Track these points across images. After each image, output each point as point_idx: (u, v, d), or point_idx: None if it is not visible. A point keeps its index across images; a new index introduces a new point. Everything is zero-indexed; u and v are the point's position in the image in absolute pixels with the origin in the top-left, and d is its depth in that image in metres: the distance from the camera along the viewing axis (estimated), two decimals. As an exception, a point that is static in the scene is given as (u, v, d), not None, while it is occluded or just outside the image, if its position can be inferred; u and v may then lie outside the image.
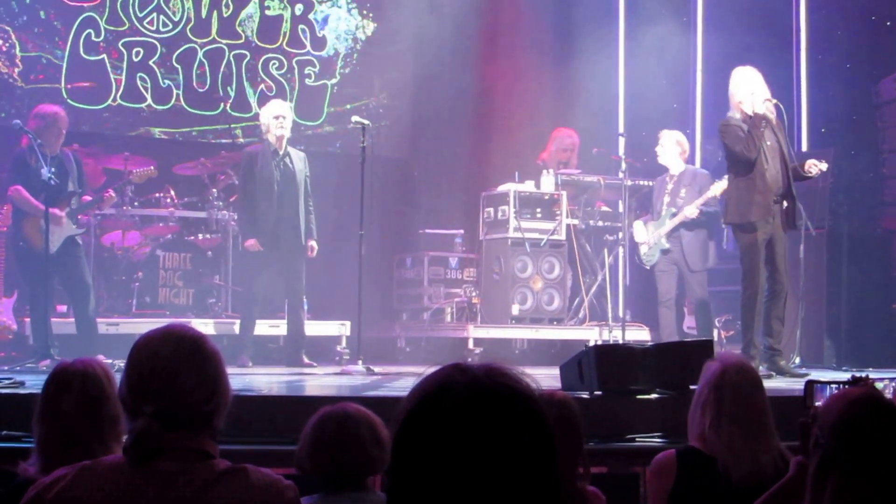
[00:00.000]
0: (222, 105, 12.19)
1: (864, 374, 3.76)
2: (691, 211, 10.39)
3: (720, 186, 10.17)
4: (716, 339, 10.56)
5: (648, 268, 10.79)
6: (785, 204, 8.81)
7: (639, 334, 11.00)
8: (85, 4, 11.61)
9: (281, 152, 9.80)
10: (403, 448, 1.68)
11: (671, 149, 10.65)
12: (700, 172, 10.79)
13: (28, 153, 9.01)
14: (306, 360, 9.75)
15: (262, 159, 9.78)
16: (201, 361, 2.76)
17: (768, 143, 8.79)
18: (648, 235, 10.69)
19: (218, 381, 2.78)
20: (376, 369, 8.97)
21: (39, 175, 8.81)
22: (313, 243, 9.92)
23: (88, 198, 9.45)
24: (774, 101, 8.93)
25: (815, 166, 8.88)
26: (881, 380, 4.72)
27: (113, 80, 11.70)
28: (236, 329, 10.08)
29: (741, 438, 3.95)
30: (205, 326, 10.06)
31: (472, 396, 1.66)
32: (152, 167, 10.32)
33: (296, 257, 9.85)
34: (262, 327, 10.24)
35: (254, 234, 9.76)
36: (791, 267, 9.20)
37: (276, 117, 9.78)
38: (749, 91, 8.81)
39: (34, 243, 9.03)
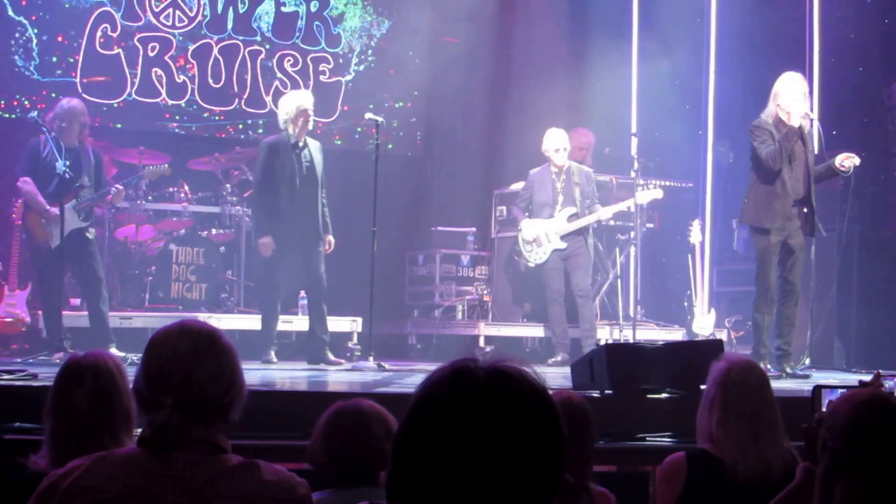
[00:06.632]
0: (237, 101, 12.22)
1: (874, 372, 3.77)
2: (606, 214, 10.26)
3: (647, 196, 10.12)
4: (726, 339, 10.58)
5: (533, 266, 10.51)
6: (805, 210, 8.80)
7: (650, 333, 11.00)
8: (102, -1, 11.65)
9: (301, 143, 9.38)
10: (399, 438, 1.73)
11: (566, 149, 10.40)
12: (585, 171, 10.44)
13: (42, 144, 8.98)
14: (332, 358, 9.35)
15: (284, 151, 9.32)
16: (218, 355, 2.80)
17: (796, 152, 8.75)
18: (539, 233, 10.39)
19: (234, 375, 2.83)
20: (387, 366, 8.96)
21: (51, 167, 8.82)
22: (330, 238, 9.49)
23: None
24: (812, 115, 8.92)
25: (849, 159, 8.80)
26: (891, 377, 4.74)
27: (128, 75, 11.73)
28: (248, 324, 10.03)
29: (748, 435, 3.96)
30: (217, 321, 10.07)
31: (464, 390, 1.69)
32: (166, 165, 10.33)
33: (316, 252, 9.42)
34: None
35: (270, 231, 9.32)
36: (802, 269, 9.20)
37: (305, 111, 9.33)
38: (792, 101, 8.68)
39: (35, 235, 9.04)
